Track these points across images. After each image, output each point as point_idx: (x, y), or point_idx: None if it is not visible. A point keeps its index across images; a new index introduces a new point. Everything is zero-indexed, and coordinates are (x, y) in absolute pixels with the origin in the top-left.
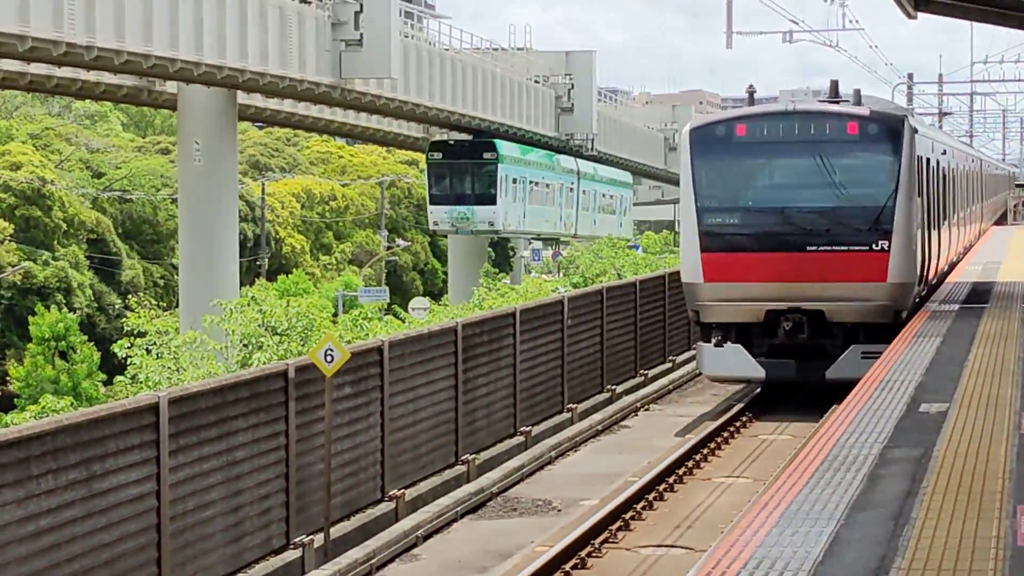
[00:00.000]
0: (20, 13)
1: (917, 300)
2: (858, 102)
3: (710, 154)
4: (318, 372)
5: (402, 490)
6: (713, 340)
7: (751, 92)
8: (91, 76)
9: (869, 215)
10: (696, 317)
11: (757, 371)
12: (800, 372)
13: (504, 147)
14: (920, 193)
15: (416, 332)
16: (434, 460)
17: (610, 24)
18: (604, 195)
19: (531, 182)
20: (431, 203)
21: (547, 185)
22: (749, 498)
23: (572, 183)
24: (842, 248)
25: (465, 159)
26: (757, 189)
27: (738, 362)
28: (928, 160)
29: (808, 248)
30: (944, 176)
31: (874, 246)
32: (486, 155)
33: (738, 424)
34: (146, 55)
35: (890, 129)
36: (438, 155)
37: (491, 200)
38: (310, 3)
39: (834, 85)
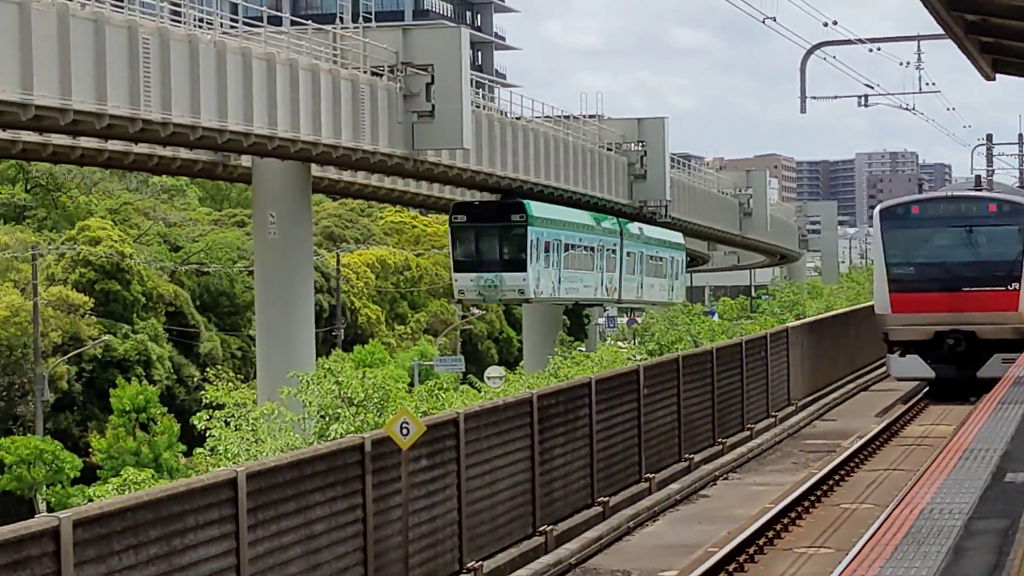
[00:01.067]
0: (98, 91)
1: None
2: (990, 188)
3: (894, 225)
4: (394, 445)
5: (480, 562)
6: (897, 353)
7: (920, 183)
8: (167, 152)
9: (1004, 266)
10: (885, 337)
11: (929, 372)
12: (959, 373)
13: (535, 208)
14: None
15: (491, 404)
16: (512, 531)
17: (679, 89)
18: (652, 257)
19: (567, 245)
20: (455, 270)
21: (585, 248)
22: (830, 569)
23: (614, 245)
24: (986, 288)
25: (492, 222)
26: (927, 248)
27: (916, 367)
28: None
29: (963, 289)
30: None
31: (1008, 287)
32: (514, 217)
33: (819, 493)
34: (221, 130)
35: (1015, 208)
36: (462, 218)
37: (520, 266)
38: (382, 76)
39: (977, 178)
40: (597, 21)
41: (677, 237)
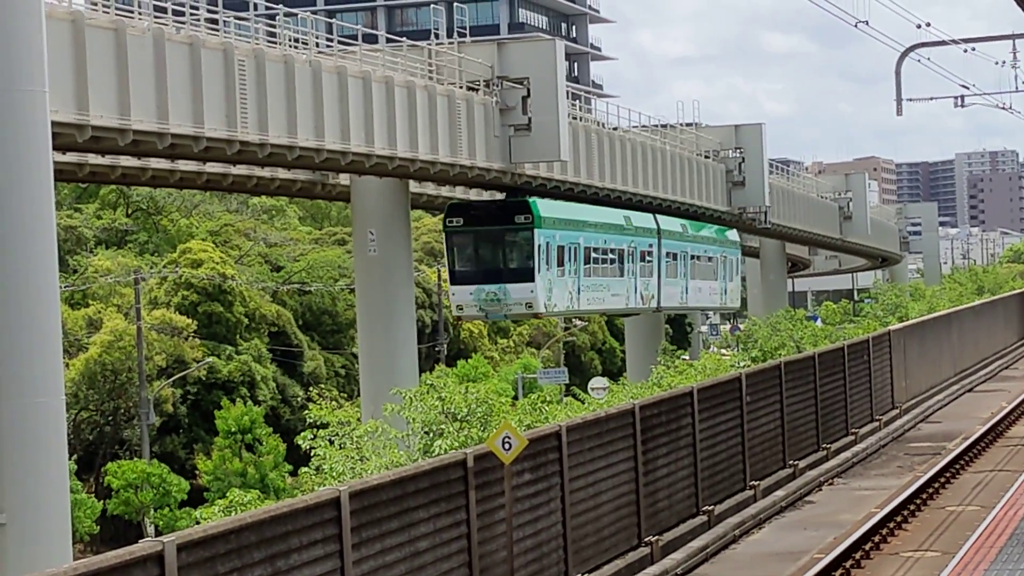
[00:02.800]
0: (194, 115)
1: None
2: None
3: None
4: (497, 460)
5: (586, 574)
6: None
7: None
8: (265, 172)
9: None
10: None
11: None
12: None
13: (543, 207)
14: None
15: (593, 416)
16: (617, 543)
17: (774, 94)
18: (698, 257)
19: (588, 249)
20: (452, 282)
21: (612, 250)
22: (937, 572)
23: (650, 245)
24: None
25: (492, 225)
26: None
27: None
28: None
29: None
30: None
31: None
32: (519, 218)
33: (925, 496)
34: (318, 149)
35: None
36: (458, 220)
37: (527, 275)
38: (478, 90)
39: None
40: (687, 28)
41: (728, 233)
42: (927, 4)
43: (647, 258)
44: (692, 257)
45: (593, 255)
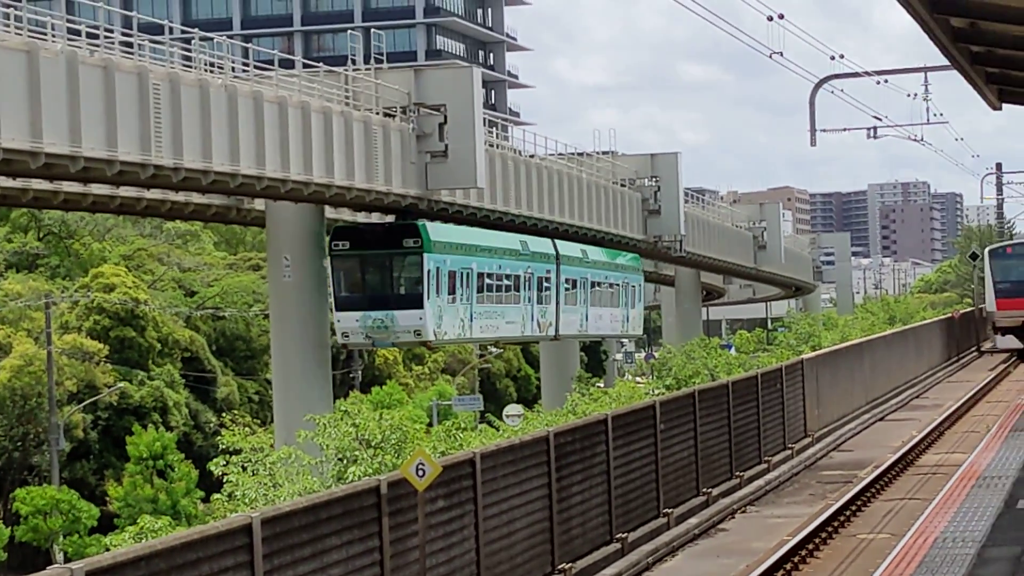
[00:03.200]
0: (108, 138)
1: None
2: None
3: (998, 259)
4: (411, 487)
5: None
6: (1000, 334)
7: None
8: (180, 197)
9: None
10: (993, 326)
11: (1019, 344)
12: None
13: (433, 230)
14: None
15: (507, 443)
16: (530, 570)
17: (690, 124)
18: (599, 283)
19: (482, 273)
20: (337, 308)
21: (507, 276)
22: None
23: (548, 271)
24: None
25: (379, 249)
26: (1016, 272)
27: (1010, 342)
28: None
29: None
30: None
31: None
32: (407, 242)
33: (836, 524)
34: (233, 174)
35: None
36: (344, 244)
37: (416, 302)
38: (395, 116)
39: None
40: (603, 58)
41: (631, 259)
42: (841, 36)
43: (545, 284)
44: (593, 284)
45: (487, 281)
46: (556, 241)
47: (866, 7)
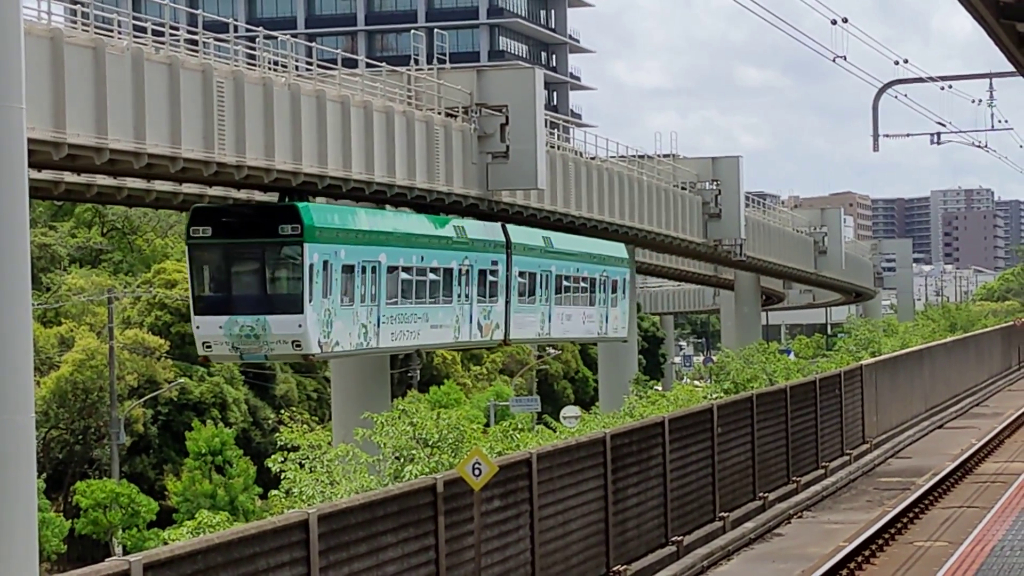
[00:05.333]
0: (172, 135)
1: None
2: None
3: None
4: (467, 486)
5: None
6: None
7: None
8: (242, 194)
9: None
10: None
11: None
12: None
13: (317, 214)
14: None
15: (564, 444)
16: (585, 571)
17: (749, 128)
18: (567, 277)
19: (395, 267)
20: (196, 311)
21: (433, 269)
22: None
23: (493, 262)
24: None
25: (249, 237)
26: None
27: None
28: None
29: None
30: None
31: None
32: (284, 228)
33: (893, 531)
34: (295, 172)
35: None
36: (204, 231)
37: (294, 304)
38: (456, 117)
39: None
40: (661, 61)
41: (615, 249)
42: (903, 41)
43: (490, 278)
44: (560, 277)
45: (403, 276)
46: (508, 226)
47: (926, 12)
